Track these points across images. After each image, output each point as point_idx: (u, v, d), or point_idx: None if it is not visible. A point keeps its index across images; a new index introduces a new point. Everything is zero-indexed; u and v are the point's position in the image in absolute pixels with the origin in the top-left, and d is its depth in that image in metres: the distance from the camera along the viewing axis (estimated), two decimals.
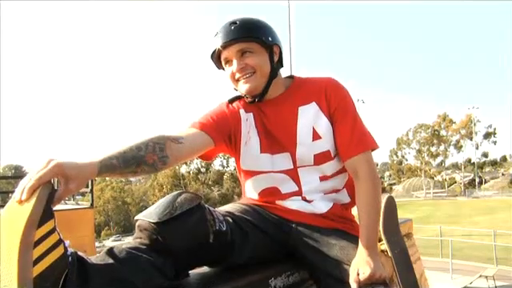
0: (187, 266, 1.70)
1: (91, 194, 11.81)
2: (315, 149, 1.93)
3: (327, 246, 1.86)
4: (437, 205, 53.60)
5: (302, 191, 1.97)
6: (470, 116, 74.34)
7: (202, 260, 1.76)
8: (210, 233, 1.67)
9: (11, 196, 1.31)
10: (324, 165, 1.96)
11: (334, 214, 1.97)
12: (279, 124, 1.97)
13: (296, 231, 1.95)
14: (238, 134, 1.98)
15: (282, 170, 1.97)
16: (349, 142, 1.89)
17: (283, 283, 1.87)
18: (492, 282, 17.33)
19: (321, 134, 1.92)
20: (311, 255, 1.89)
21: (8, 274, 1.17)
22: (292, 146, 1.95)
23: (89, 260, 1.44)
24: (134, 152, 1.56)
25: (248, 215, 1.94)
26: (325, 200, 1.98)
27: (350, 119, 1.92)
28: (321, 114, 1.93)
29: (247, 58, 1.88)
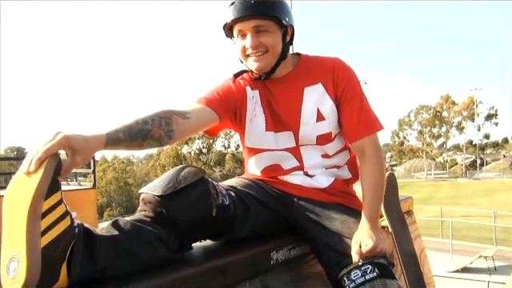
0: (190, 239, 1.72)
1: (93, 175, 11.86)
2: (318, 130, 1.96)
3: (328, 219, 1.89)
4: (438, 186, 53.63)
5: (303, 166, 2.00)
6: (473, 97, 74.01)
7: (204, 233, 1.77)
8: (213, 206, 1.68)
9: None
10: (326, 145, 1.99)
11: (335, 188, 2.01)
12: (284, 103, 1.98)
13: (298, 205, 1.98)
14: (243, 110, 1.99)
15: (285, 148, 1.99)
16: (356, 124, 1.92)
17: (285, 256, 1.91)
18: (491, 262, 17.46)
19: (325, 116, 1.95)
20: (313, 229, 1.92)
21: (17, 245, 1.20)
22: (296, 126, 1.97)
23: (95, 231, 1.47)
24: (140, 126, 1.58)
25: (251, 189, 1.96)
26: (326, 175, 2.01)
27: (357, 101, 1.94)
28: (326, 96, 1.95)
29: (262, 37, 1.87)
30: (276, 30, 1.90)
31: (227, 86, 2.00)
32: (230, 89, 1.99)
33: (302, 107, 1.96)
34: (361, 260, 1.68)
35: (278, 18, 1.87)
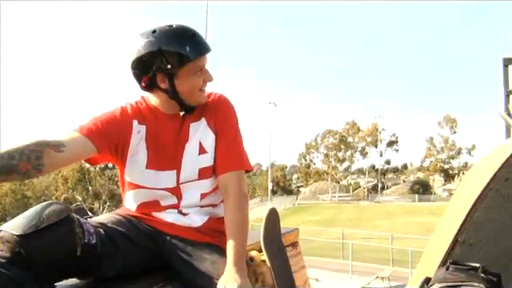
0: (53, 278, 1.65)
1: None
2: (200, 163, 1.94)
3: (199, 259, 1.85)
4: (341, 208, 55.61)
5: (179, 205, 1.96)
6: (376, 125, 78.05)
7: (69, 272, 1.71)
8: (77, 246, 1.63)
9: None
10: (207, 180, 1.97)
11: (209, 227, 1.97)
12: (171, 140, 1.94)
13: (170, 244, 1.93)
14: (126, 144, 1.91)
15: (165, 187, 1.94)
16: (224, 158, 1.93)
17: None
18: (387, 283, 18.26)
19: (206, 149, 1.95)
20: (183, 268, 1.87)
21: None
22: (178, 162, 1.94)
23: None
24: (4, 161, 1.55)
25: (122, 227, 1.90)
26: (201, 213, 1.98)
27: (230, 137, 1.96)
28: (208, 130, 1.97)
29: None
30: None
31: (113, 116, 1.91)
32: (115, 119, 1.90)
33: (187, 143, 1.95)
34: None
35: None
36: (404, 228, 32.22)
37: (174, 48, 1.81)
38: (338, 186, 77.04)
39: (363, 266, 22.21)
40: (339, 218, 43.81)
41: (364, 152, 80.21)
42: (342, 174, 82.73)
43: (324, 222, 39.97)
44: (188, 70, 1.85)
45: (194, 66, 1.85)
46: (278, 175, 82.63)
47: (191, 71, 1.86)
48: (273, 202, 59.65)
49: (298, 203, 64.60)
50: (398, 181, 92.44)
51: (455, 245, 2.68)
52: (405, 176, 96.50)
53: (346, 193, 78.35)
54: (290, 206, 60.60)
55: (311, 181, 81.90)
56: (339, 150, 78.23)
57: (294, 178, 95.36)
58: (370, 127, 78.64)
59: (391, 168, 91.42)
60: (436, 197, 67.56)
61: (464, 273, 2.18)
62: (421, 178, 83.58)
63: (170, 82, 1.84)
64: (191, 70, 1.86)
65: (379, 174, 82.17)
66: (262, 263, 2.20)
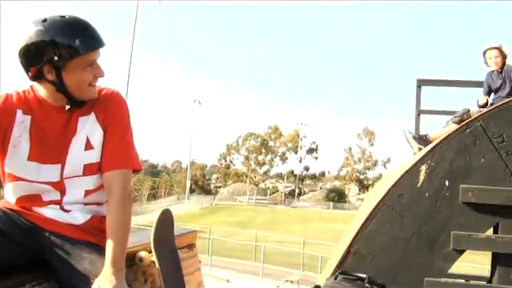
0: None
1: None
2: (86, 159, 1.88)
3: (78, 258, 1.80)
4: (257, 211, 56.09)
5: (62, 200, 1.89)
6: (298, 131, 79.58)
7: None
8: None
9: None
10: (92, 176, 1.91)
11: (91, 226, 1.92)
12: (58, 132, 1.87)
13: (49, 240, 1.86)
14: (7, 134, 1.83)
15: (47, 181, 1.87)
16: (110, 156, 1.88)
17: None
18: (296, 286, 18.62)
19: (93, 145, 1.89)
20: (60, 266, 1.81)
21: None
22: (63, 156, 1.87)
23: None
24: None
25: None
26: (84, 211, 1.92)
27: (119, 134, 1.91)
28: (97, 125, 1.90)
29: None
30: None
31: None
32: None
33: (73, 137, 1.88)
34: None
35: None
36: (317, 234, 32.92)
37: (63, 40, 1.72)
38: (256, 188, 77.82)
39: (274, 269, 22.48)
40: (255, 221, 44.14)
41: (284, 157, 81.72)
42: (260, 177, 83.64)
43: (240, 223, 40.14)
44: (77, 63, 1.77)
45: (83, 60, 1.78)
46: (198, 174, 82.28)
47: (81, 65, 1.79)
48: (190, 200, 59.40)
49: (216, 203, 64.60)
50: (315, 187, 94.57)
51: (348, 255, 2.80)
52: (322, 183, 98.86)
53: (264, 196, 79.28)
54: (208, 205, 60.50)
55: (230, 182, 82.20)
56: (260, 154, 79.16)
57: (213, 178, 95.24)
58: (292, 133, 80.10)
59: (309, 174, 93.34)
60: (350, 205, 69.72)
61: (351, 282, 2.29)
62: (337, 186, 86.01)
63: (57, 74, 1.78)
64: (81, 64, 1.78)
65: (297, 179, 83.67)
66: (152, 264, 2.18)
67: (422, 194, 2.82)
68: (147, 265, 2.16)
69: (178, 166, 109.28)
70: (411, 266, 2.79)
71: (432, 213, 2.80)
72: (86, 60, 1.78)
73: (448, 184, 2.81)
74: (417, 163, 2.86)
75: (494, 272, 2.84)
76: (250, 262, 24.22)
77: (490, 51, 5.02)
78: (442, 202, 2.80)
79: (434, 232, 2.79)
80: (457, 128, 2.95)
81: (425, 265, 2.78)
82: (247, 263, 24.09)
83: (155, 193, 75.04)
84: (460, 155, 2.83)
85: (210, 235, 25.70)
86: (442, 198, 2.80)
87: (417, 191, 2.83)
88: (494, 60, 4.96)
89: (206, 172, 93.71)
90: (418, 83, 6.48)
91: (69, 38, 1.73)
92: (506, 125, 2.84)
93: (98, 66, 1.84)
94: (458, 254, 2.78)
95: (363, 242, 2.83)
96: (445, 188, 2.81)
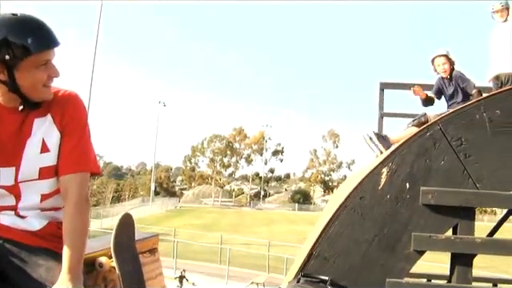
0: None
1: None
2: (42, 162, 1.83)
3: (34, 265, 1.76)
4: (223, 213, 56.08)
5: (17, 206, 1.85)
6: (263, 133, 79.87)
7: None
8: None
9: None
10: (49, 180, 1.86)
11: (48, 232, 1.87)
12: (13, 135, 1.82)
13: (3, 248, 1.81)
14: None
15: (1, 185, 1.82)
16: (67, 159, 1.84)
17: None
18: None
19: (50, 147, 1.84)
20: (16, 275, 1.76)
21: None
22: (18, 159, 1.82)
23: None
24: None
25: None
26: (40, 217, 1.88)
27: (76, 137, 1.87)
28: (53, 127, 1.85)
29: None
30: None
31: None
32: None
33: (28, 139, 1.82)
34: None
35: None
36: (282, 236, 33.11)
37: (15, 38, 1.67)
38: (221, 190, 77.81)
39: (240, 272, 22.52)
40: (220, 223, 44.09)
41: (249, 159, 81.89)
42: (226, 180, 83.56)
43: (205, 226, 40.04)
44: (30, 63, 1.72)
45: (37, 60, 1.73)
46: (162, 176, 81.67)
47: (34, 65, 1.73)
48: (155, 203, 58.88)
49: (181, 206, 64.29)
50: (281, 189, 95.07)
51: (310, 257, 2.82)
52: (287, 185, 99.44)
53: (229, 198, 79.35)
54: (172, 208, 60.15)
55: (195, 184, 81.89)
56: (225, 156, 79.10)
57: (178, 180, 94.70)
58: (257, 135, 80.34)
59: (275, 176, 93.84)
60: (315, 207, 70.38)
61: (313, 285, 2.30)
62: (302, 187, 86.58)
63: (9, 74, 1.72)
64: (34, 64, 1.73)
65: (263, 181, 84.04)
66: (113, 269, 2.15)
67: (383, 197, 2.86)
68: (107, 270, 2.13)
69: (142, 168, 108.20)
70: (373, 268, 2.82)
71: (393, 215, 2.84)
72: (40, 59, 1.73)
73: (409, 186, 2.86)
74: (378, 166, 2.90)
75: (453, 271, 2.90)
76: (216, 265, 24.18)
77: (437, 58, 5.26)
78: (402, 204, 2.84)
79: (396, 233, 2.82)
80: (417, 131, 3.00)
81: (386, 266, 2.81)
82: (213, 266, 24.04)
83: (119, 195, 74.03)
84: (420, 158, 2.88)
85: (174, 238, 25.56)
86: (403, 200, 2.84)
87: (378, 193, 2.86)
88: (442, 67, 5.21)
89: (171, 174, 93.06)
90: (381, 86, 6.61)
91: (21, 36, 1.68)
92: (464, 128, 2.91)
93: (52, 66, 1.78)
94: (418, 254, 2.83)
95: (325, 244, 2.84)
96: (406, 190, 2.86)
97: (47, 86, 1.79)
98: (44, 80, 1.77)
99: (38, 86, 1.77)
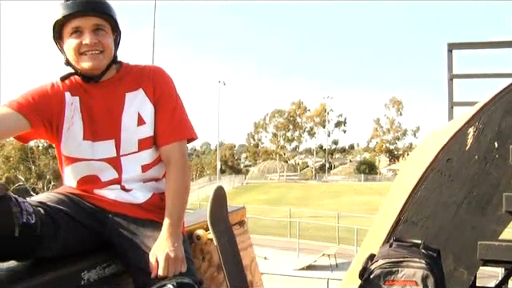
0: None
1: None
2: (139, 134, 1.90)
3: (142, 237, 1.82)
4: (289, 187, 56.16)
5: (121, 179, 1.92)
6: (324, 105, 78.95)
7: (6, 254, 1.63)
8: (15, 226, 1.55)
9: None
10: (147, 151, 1.93)
11: (152, 204, 1.94)
12: (106, 109, 1.89)
13: (112, 222, 1.89)
14: (60, 118, 1.87)
15: (103, 157, 1.90)
16: (165, 129, 1.91)
17: (98, 275, 1.78)
18: (333, 260, 18.68)
19: (145, 120, 1.91)
20: (126, 247, 1.83)
21: None
22: (117, 132, 1.89)
23: None
24: None
25: (63, 205, 1.83)
26: (144, 189, 1.95)
27: (170, 107, 1.93)
28: (147, 100, 1.92)
29: (101, 36, 1.80)
30: (111, 33, 1.86)
31: (43, 90, 1.87)
32: (47, 94, 1.86)
33: (123, 113, 1.90)
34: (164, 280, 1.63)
35: (115, 20, 1.85)
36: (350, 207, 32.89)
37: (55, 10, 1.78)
38: (286, 165, 77.77)
39: (310, 244, 22.56)
40: (287, 197, 44.24)
41: (312, 132, 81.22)
42: (290, 154, 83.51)
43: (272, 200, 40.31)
44: (65, 32, 1.80)
45: (69, 27, 1.79)
46: (227, 154, 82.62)
47: (67, 33, 1.80)
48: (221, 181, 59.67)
49: (247, 182, 64.85)
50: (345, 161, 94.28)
51: (398, 223, 2.78)
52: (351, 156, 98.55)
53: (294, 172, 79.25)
54: (239, 185, 60.77)
55: (260, 160, 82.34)
56: (288, 130, 78.86)
57: (242, 158, 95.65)
58: (319, 108, 79.53)
59: (338, 148, 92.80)
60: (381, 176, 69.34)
61: (406, 249, 2.27)
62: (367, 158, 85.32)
63: (61, 47, 1.84)
64: (67, 32, 1.79)
65: (327, 153, 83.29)
66: (209, 242, 2.19)
67: (471, 157, 2.77)
68: (204, 243, 2.18)
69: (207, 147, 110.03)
70: (463, 230, 2.76)
71: (482, 176, 2.75)
72: (70, 26, 1.78)
73: (497, 145, 2.75)
74: (464, 126, 2.80)
75: None
76: (286, 238, 24.35)
77: None
78: (492, 164, 2.75)
79: (486, 195, 2.74)
80: (504, 87, 2.87)
81: (477, 228, 2.74)
82: (283, 239, 24.23)
83: None
84: (509, 115, 2.76)
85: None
86: (492, 160, 2.75)
87: (466, 154, 2.78)
88: None
89: (235, 152, 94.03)
90: (449, 47, 6.34)
91: (57, 6, 1.77)
92: None
93: (86, 34, 1.79)
94: (511, 216, 2.73)
95: (413, 208, 2.80)
96: (494, 150, 2.76)
97: (84, 53, 1.80)
98: (76, 47, 1.79)
99: (73, 54, 1.81)
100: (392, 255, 2.22)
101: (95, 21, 1.78)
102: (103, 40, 1.80)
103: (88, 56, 1.80)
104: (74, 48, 1.79)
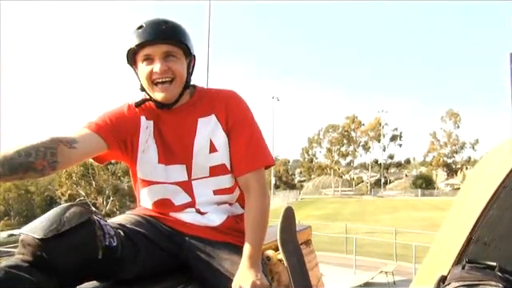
0: (73, 281, 1.62)
1: None
2: (211, 161, 1.91)
3: (219, 260, 1.82)
4: (344, 202, 55.52)
5: (195, 203, 1.93)
6: (379, 119, 77.95)
7: (89, 275, 1.68)
8: (98, 249, 1.60)
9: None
10: (219, 177, 1.93)
11: (227, 227, 1.94)
12: (178, 134, 1.91)
13: (189, 244, 1.90)
14: (135, 141, 1.90)
15: (175, 181, 1.92)
16: (240, 159, 1.89)
17: None
18: (391, 277, 18.25)
19: (217, 147, 1.91)
20: (202, 269, 1.84)
21: None
22: (188, 158, 1.91)
23: None
24: (22, 158, 1.52)
25: (141, 227, 1.87)
26: (218, 212, 1.95)
27: (245, 135, 1.91)
28: (219, 127, 1.91)
29: (171, 62, 1.82)
30: (183, 58, 1.86)
31: (121, 112, 1.91)
32: (124, 116, 1.90)
33: (195, 138, 1.91)
34: None
35: (187, 45, 1.85)
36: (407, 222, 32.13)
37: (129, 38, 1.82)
38: (340, 180, 77.10)
39: (367, 261, 22.15)
40: (342, 213, 43.71)
41: (367, 146, 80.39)
42: (344, 169, 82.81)
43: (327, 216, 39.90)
44: (138, 57, 1.83)
45: (141, 55, 1.82)
46: (281, 170, 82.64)
47: (140, 59, 1.83)
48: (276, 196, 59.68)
49: (301, 198, 64.61)
50: (401, 175, 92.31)
51: (469, 243, 2.67)
52: (408, 170, 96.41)
53: (349, 187, 78.46)
54: (293, 200, 60.52)
55: (314, 175, 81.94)
56: (342, 145, 78.26)
57: (296, 173, 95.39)
58: (373, 122, 78.59)
59: (394, 162, 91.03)
60: (439, 191, 67.59)
61: (480, 271, 2.17)
62: (423, 172, 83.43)
63: (136, 73, 1.87)
64: (140, 58, 1.83)
65: (382, 168, 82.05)
66: (279, 262, 2.18)
67: None
68: (274, 263, 2.17)
69: None
70: None
71: None
72: (142, 54, 1.81)
73: None
74: None
75: None
76: (342, 255, 24.01)
77: None
78: None
79: None
80: None
81: None
82: (339, 255, 23.91)
83: None
84: None
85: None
86: None
87: None
88: None
89: (290, 167, 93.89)
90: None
91: (131, 35, 1.81)
92: None
93: (158, 63, 1.81)
94: None
95: (485, 228, 2.67)
96: None
97: (156, 83, 1.83)
98: (147, 74, 1.82)
99: (146, 82, 1.84)
100: (466, 278, 2.14)
101: (165, 48, 1.80)
102: (173, 67, 1.82)
103: (159, 87, 1.83)
104: (146, 75, 1.82)
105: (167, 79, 1.81)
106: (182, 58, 1.85)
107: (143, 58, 1.82)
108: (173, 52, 1.82)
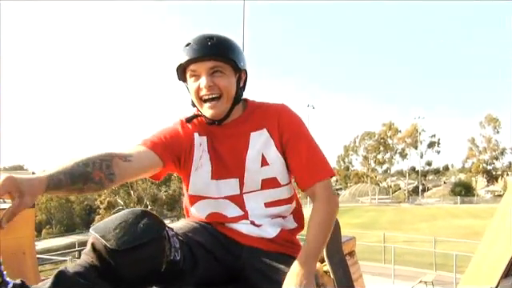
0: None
1: None
2: (263, 175, 1.90)
3: (275, 270, 1.80)
4: (381, 211, 54.75)
5: (248, 215, 1.93)
6: (416, 126, 76.70)
7: (149, 285, 1.70)
8: (163, 263, 1.64)
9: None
10: (270, 190, 1.92)
11: (282, 238, 1.94)
12: (230, 149, 1.92)
13: (246, 255, 1.90)
14: (189, 157, 1.92)
15: (227, 195, 1.92)
16: (303, 174, 1.88)
17: None
18: (431, 287, 17.89)
19: (269, 161, 1.90)
20: (259, 279, 1.83)
21: None
22: (241, 172, 1.90)
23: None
24: (80, 168, 1.54)
25: (200, 236, 1.87)
26: (273, 225, 1.94)
27: (303, 148, 1.89)
28: (271, 141, 1.91)
29: (217, 78, 1.82)
30: (231, 73, 1.86)
31: (175, 130, 1.94)
32: (178, 133, 1.92)
33: (247, 153, 1.91)
34: None
35: (234, 60, 1.84)
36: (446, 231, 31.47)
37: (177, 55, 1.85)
38: (377, 188, 76.01)
39: (405, 270, 21.72)
40: (380, 221, 43.10)
41: (404, 154, 79.12)
42: (381, 176, 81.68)
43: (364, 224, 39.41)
44: (187, 75, 1.87)
45: (189, 71, 1.85)
46: None
47: (188, 76, 1.86)
48: None
49: None
50: (439, 182, 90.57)
51: None
52: (446, 177, 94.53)
53: (386, 195, 77.28)
54: None
55: (351, 183, 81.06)
56: (378, 152, 77.29)
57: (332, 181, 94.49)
58: (410, 128, 77.38)
59: (432, 169, 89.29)
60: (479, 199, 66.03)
61: None
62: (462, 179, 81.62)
63: (187, 88, 1.91)
64: (189, 75, 1.86)
65: (420, 175, 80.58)
66: (324, 274, 2.19)
67: None
68: (320, 275, 2.18)
69: None
70: None
71: None
72: (190, 70, 1.85)
73: None
74: None
75: None
76: (380, 264, 23.65)
77: None
78: None
79: None
80: None
81: None
82: (377, 265, 23.56)
83: None
84: None
85: None
86: None
87: None
88: None
89: None
90: None
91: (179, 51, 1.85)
92: None
93: (202, 77, 1.83)
94: None
95: None
96: None
97: (204, 100, 1.85)
98: (195, 91, 1.85)
99: (195, 98, 1.87)
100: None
101: (211, 64, 1.80)
102: (220, 83, 1.82)
103: (207, 105, 1.85)
104: (194, 92, 1.84)
105: (214, 96, 1.82)
106: (229, 73, 1.85)
107: (191, 75, 1.85)
108: (219, 68, 1.82)
